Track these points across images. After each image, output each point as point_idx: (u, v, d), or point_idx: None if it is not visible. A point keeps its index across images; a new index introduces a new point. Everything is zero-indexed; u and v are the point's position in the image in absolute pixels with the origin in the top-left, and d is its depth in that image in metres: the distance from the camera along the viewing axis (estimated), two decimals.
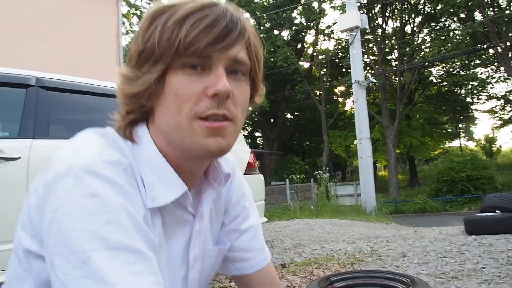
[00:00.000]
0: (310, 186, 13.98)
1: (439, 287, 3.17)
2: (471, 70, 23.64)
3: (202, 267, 0.90)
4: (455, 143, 33.33)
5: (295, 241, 5.83)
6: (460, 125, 31.15)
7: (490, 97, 27.27)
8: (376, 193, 11.40)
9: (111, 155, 0.72)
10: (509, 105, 27.68)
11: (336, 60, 28.31)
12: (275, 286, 1.02)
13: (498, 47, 21.12)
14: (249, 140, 35.05)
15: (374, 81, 12.86)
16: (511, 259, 3.92)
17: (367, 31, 21.07)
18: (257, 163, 4.78)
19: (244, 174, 4.50)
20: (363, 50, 14.49)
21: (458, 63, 23.26)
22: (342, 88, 29.62)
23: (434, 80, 25.82)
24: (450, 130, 30.29)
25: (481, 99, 26.51)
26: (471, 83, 23.55)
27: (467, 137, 34.45)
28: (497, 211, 6.12)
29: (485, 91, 25.28)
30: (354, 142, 24.60)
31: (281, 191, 12.85)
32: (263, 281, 1.00)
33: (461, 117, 28.08)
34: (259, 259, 1.00)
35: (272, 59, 24.83)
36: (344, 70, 26.88)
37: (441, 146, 30.06)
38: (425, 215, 17.99)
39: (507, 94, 27.08)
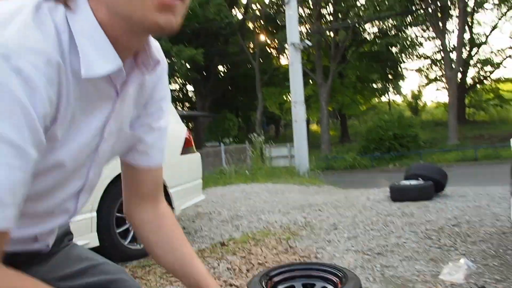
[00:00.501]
0: (245, 148, 14.14)
1: (366, 265, 3.44)
2: (403, 31, 24.52)
3: (114, 144, 0.94)
4: (384, 99, 34.80)
5: (232, 212, 5.98)
6: (389, 84, 32.46)
7: (419, 56, 28.55)
8: (309, 149, 11.73)
9: (35, 42, 0.68)
10: (434, 64, 29.22)
11: (272, 13, 28.02)
12: (158, 185, 1.12)
13: (429, 8, 21.98)
14: (181, 95, 34.45)
15: (310, 44, 12.97)
16: (429, 232, 4.31)
17: None
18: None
19: (182, 154, 4.49)
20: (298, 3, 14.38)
21: (392, 23, 23.97)
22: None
23: (368, 39, 26.48)
24: (380, 86, 31.49)
25: (410, 58, 27.78)
26: (402, 42, 24.52)
27: (395, 91, 36.04)
28: (419, 179, 6.63)
29: (414, 50, 26.47)
30: (289, 98, 25.04)
31: (216, 154, 12.90)
32: (152, 178, 1.09)
33: (390, 75, 29.31)
34: (157, 157, 1.07)
35: (204, 13, 24.14)
36: (280, 24, 26.69)
37: (371, 102, 31.35)
38: (355, 172, 18.99)
39: (434, 53, 28.52)
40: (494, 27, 26.38)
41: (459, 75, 24.62)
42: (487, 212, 5.09)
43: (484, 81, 28.49)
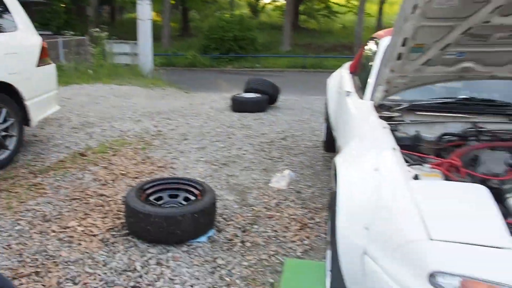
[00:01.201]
0: (84, 41, 13.33)
1: (214, 174, 4.19)
2: None
3: None
4: None
5: (82, 119, 6.10)
6: None
7: None
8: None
9: None
10: None
11: None
12: None
13: None
14: None
15: None
16: (263, 144, 5.24)
17: None
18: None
19: (38, 65, 4.45)
20: None
21: None
22: None
23: None
24: None
25: None
26: None
27: None
28: (256, 92, 7.55)
29: None
30: None
31: (51, 46, 11.81)
32: None
33: None
34: None
35: None
36: None
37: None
38: (195, 70, 19.52)
39: None
40: None
41: None
42: (307, 126, 6.25)
43: None
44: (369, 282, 1.64)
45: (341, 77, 4.15)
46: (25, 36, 4.33)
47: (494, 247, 1.39)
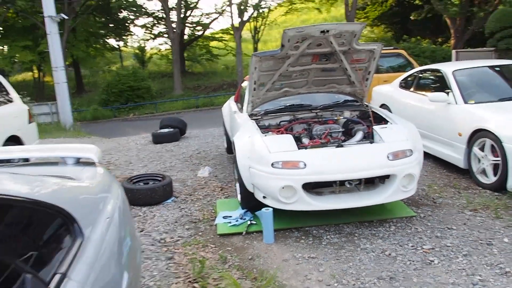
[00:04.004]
0: None
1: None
2: None
3: None
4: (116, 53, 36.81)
5: None
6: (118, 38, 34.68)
7: (142, 14, 31.69)
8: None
9: None
10: (157, 22, 33.00)
11: None
12: None
13: None
14: None
15: (66, 17, 14.38)
16: (186, 158, 7.66)
17: None
18: None
19: (29, 123, 6.49)
20: None
21: None
22: None
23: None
24: (110, 43, 33.62)
25: (137, 16, 30.82)
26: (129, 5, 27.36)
27: (124, 45, 38.55)
28: (169, 128, 9.96)
29: (142, 9, 29.63)
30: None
31: None
32: None
33: (120, 30, 31.72)
34: None
35: None
36: None
37: (104, 55, 33.15)
38: (100, 122, 21.23)
39: (157, 11, 32.17)
40: None
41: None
42: (212, 145, 8.81)
43: (198, 38, 34.03)
44: (253, 178, 4.19)
45: (230, 105, 6.81)
46: (19, 104, 6.40)
47: (290, 151, 4.05)
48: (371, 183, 4.19)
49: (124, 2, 27.66)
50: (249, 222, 4.36)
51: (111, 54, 34.99)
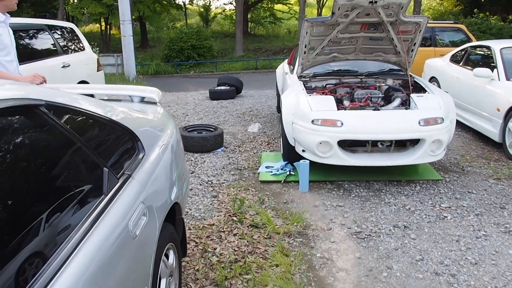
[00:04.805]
0: None
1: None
2: None
3: None
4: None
5: None
6: None
7: None
8: None
9: None
10: None
11: None
12: None
13: None
14: None
15: None
16: (238, 114, 8.22)
17: None
18: None
19: (98, 70, 7.26)
20: None
21: None
22: None
23: None
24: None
25: None
26: None
27: (190, 2, 39.22)
28: (226, 85, 10.52)
29: None
30: None
31: None
32: None
33: None
34: None
35: None
36: None
37: (169, 12, 34.08)
38: (161, 76, 22.22)
39: None
40: None
41: None
42: (265, 104, 9.30)
43: (263, 0, 34.04)
44: (295, 132, 4.66)
45: (283, 66, 7.23)
46: (89, 53, 7.18)
47: (330, 110, 4.47)
48: (402, 146, 4.55)
49: None
50: (288, 173, 4.87)
51: (177, 11, 35.77)
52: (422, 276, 2.96)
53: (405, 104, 4.80)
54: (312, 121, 4.41)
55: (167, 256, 2.30)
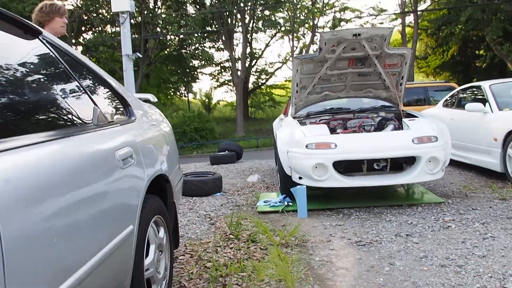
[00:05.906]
0: None
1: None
2: (202, 45, 29.61)
3: None
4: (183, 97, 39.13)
5: None
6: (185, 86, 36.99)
7: (211, 63, 33.78)
8: None
9: None
10: (223, 70, 34.99)
11: None
12: None
13: (221, 30, 27.38)
14: None
15: (140, 55, 16.04)
16: (239, 171, 8.24)
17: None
18: None
19: None
20: None
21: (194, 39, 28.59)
22: None
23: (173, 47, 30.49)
24: (179, 88, 35.96)
25: (205, 65, 32.91)
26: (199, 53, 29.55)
27: (191, 93, 40.93)
28: (226, 151, 10.66)
29: (209, 61, 31.66)
30: None
31: None
32: None
33: (189, 78, 33.98)
34: None
35: None
36: None
37: (172, 102, 35.45)
38: None
39: (223, 62, 34.19)
40: (267, 45, 33.39)
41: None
42: (265, 164, 9.36)
43: (262, 86, 35.51)
44: (290, 160, 4.67)
45: (279, 117, 7.41)
46: None
47: (324, 135, 4.52)
48: (398, 168, 4.52)
49: (197, 53, 29.86)
50: (286, 204, 4.80)
51: (180, 101, 37.20)
52: (427, 269, 2.80)
53: (398, 129, 4.85)
54: (306, 145, 4.44)
55: (157, 226, 2.27)
